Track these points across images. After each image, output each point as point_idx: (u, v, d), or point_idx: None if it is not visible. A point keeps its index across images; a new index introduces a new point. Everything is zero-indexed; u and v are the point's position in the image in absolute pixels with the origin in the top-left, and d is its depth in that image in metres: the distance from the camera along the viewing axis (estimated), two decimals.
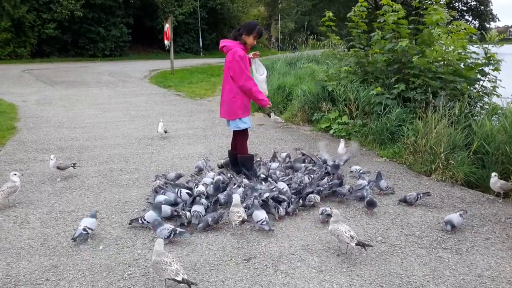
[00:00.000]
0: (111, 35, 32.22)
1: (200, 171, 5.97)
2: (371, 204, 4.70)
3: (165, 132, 8.20)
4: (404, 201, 4.98)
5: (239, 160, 5.70)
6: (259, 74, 5.82)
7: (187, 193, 4.91)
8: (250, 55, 5.71)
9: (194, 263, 3.69)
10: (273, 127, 9.35)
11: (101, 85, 16.88)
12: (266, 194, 4.77)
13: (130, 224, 4.38)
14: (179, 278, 3.21)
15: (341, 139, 6.92)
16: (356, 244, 3.69)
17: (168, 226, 4.05)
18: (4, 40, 26.95)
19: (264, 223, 4.19)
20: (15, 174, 5.03)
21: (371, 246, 3.88)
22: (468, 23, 33.10)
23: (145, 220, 4.28)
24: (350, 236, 3.69)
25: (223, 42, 5.51)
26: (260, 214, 4.27)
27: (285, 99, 11.47)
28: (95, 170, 6.28)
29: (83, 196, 5.27)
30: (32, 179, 5.88)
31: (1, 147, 7.51)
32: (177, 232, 4.02)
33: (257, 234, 4.25)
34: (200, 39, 39.55)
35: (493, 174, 5.21)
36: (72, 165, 6.04)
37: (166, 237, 3.94)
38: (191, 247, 3.97)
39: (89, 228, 4.08)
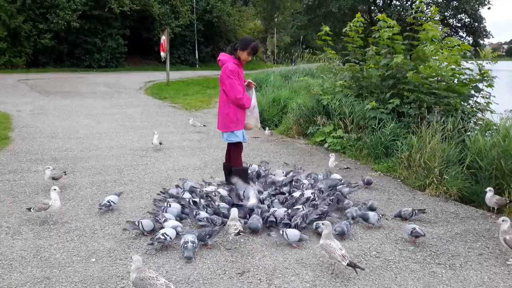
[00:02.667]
0: (107, 46, 32.29)
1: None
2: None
3: (160, 143, 8.20)
4: (399, 216, 4.99)
5: (234, 172, 5.70)
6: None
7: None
8: (246, 82, 5.69)
9: (187, 277, 3.67)
10: (268, 141, 9.37)
11: (96, 96, 16.87)
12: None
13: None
14: None
15: (331, 154, 6.95)
16: (347, 265, 3.60)
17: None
18: (0, 50, 26.93)
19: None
20: (55, 189, 4.83)
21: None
22: (462, 39, 33.49)
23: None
24: (342, 255, 3.63)
25: (220, 56, 5.55)
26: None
27: (280, 112, 11.52)
28: (89, 181, 6.25)
29: (76, 208, 5.23)
30: (26, 190, 5.83)
31: None
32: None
33: (251, 248, 4.24)
34: (196, 52, 39.73)
35: (488, 189, 5.23)
36: (64, 173, 6.03)
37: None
38: (185, 260, 3.95)
39: (112, 202, 5.06)
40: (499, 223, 4.12)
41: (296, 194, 5.39)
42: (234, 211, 4.44)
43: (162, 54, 21.42)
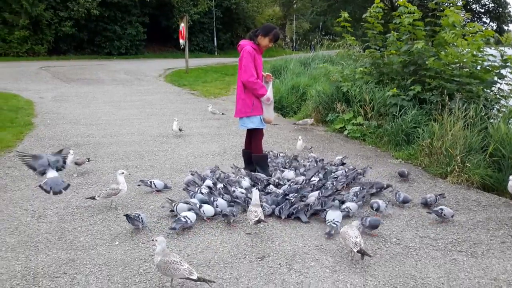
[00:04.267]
0: (127, 34, 32.47)
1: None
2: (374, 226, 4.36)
3: (180, 130, 8.26)
4: (425, 203, 4.93)
5: (254, 159, 5.72)
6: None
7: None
8: (264, 74, 5.67)
9: (208, 260, 3.72)
10: (287, 128, 9.36)
11: (116, 83, 17.03)
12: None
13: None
14: (194, 277, 3.20)
15: (299, 137, 6.99)
16: (357, 251, 3.59)
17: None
18: (22, 38, 27.36)
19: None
20: (122, 173, 4.89)
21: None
22: (485, 25, 32.77)
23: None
24: (354, 242, 3.61)
25: (240, 42, 5.57)
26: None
27: (299, 99, 11.48)
28: (111, 167, 6.34)
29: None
30: None
31: (19, 142, 7.63)
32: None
33: (271, 233, 4.27)
34: (215, 39, 39.63)
35: (510, 177, 5.16)
36: (87, 160, 6.14)
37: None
38: (206, 244, 4.01)
39: (154, 184, 5.29)
40: None
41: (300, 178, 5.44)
42: (256, 195, 4.31)
43: (181, 41, 21.45)
